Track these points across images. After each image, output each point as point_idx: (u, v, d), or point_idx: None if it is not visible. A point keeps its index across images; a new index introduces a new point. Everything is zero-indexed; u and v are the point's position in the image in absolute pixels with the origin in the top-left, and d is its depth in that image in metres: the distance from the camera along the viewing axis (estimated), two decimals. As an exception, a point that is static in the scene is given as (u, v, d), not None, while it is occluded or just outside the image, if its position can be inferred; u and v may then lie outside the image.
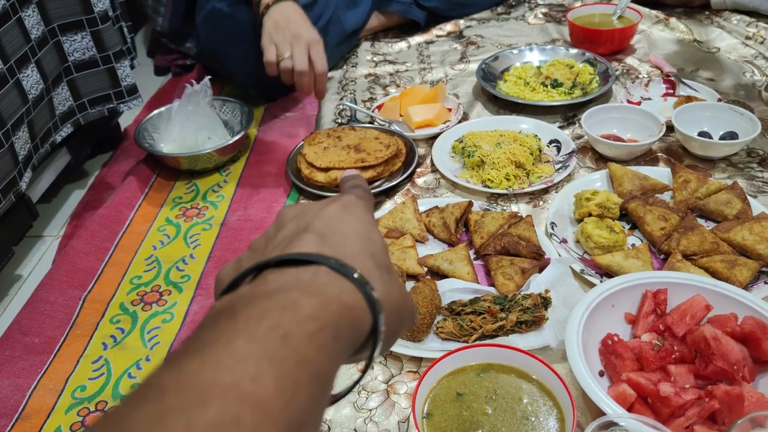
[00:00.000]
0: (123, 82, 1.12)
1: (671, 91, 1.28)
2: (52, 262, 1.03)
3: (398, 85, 1.46)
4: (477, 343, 0.75)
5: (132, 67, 1.22)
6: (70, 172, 1.21)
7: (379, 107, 1.33)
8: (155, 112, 1.24)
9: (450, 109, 1.31)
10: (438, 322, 0.80)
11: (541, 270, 0.87)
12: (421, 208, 1.01)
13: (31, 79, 0.96)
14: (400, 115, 1.30)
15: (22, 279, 1.03)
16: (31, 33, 0.96)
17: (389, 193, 1.08)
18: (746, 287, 0.82)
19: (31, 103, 0.96)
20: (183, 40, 1.49)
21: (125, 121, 1.39)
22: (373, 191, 1.04)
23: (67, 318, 0.90)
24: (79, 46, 1.04)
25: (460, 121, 1.25)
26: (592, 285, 0.84)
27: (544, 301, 0.80)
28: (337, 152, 1.10)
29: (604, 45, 1.45)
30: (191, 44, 1.49)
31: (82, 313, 0.91)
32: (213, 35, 1.29)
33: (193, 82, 1.18)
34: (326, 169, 1.07)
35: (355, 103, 1.36)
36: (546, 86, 1.32)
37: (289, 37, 1.14)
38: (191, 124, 1.17)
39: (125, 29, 1.35)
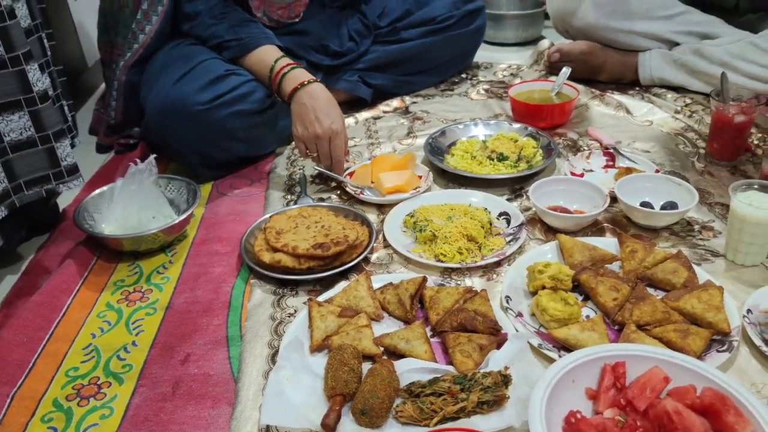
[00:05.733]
0: (63, 162, 1.09)
1: (611, 163, 1.33)
2: (-21, 355, 0.95)
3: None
4: (439, 427, 0.73)
5: (73, 146, 1.19)
6: (2, 257, 1.14)
7: (351, 174, 1.34)
8: (96, 191, 1.20)
9: (420, 176, 1.32)
10: (397, 406, 0.77)
11: (499, 346, 0.86)
12: (375, 285, 1.00)
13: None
14: (372, 182, 1.30)
15: (-57, 375, 0.94)
16: (-36, 114, 0.93)
17: (344, 273, 1.06)
18: (700, 356, 0.83)
19: (-39, 186, 0.91)
20: (132, 127, 1.49)
21: (64, 200, 1.34)
22: (326, 273, 1.03)
23: (-8, 418, 0.83)
24: (16, 126, 1.01)
25: (428, 189, 1.28)
26: (550, 360, 0.83)
27: (505, 379, 0.79)
28: (302, 232, 1.09)
29: (545, 119, 1.52)
30: (138, 128, 1.48)
31: (9, 413, 0.84)
32: (162, 117, 1.28)
33: (137, 161, 1.15)
34: (279, 250, 1.05)
35: (305, 180, 1.36)
36: (492, 160, 1.35)
37: (313, 133, 1.27)
38: (135, 203, 1.14)
39: (66, 108, 1.32)
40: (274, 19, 1.58)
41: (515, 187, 1.30)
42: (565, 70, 1.59)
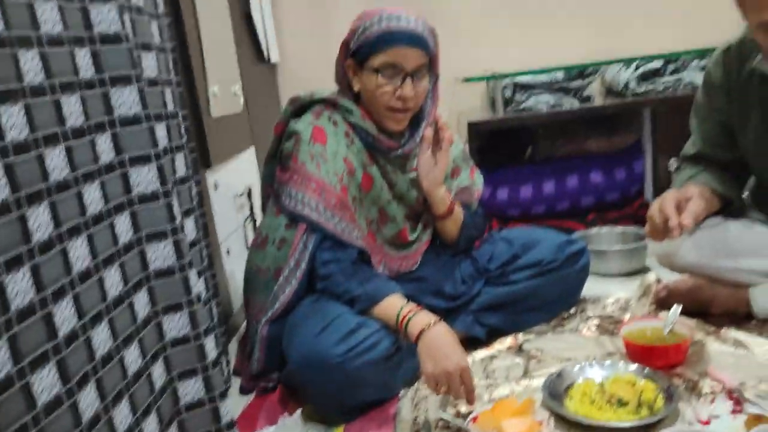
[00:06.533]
0: (224, 419, 1.24)
1: (738, 408, 1.31)
2: None
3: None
4: None
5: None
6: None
7: (474, 419, 1.40)
8: (246, 441, 1.33)
9: (541, 422, 1.36)
10: None
11: None
12: None
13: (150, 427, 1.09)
14: (494, 429, 1.34)
15: None
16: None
17: None
18: None
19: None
20: (272, 373, 1.67)
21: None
22: None
23: None
24: (191, 390, 1.19)
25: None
26: None
27: None
28: None
29: (660, 360, 1.53)
30: (277, 373, 1.65)
31: None
32: (304, 368, 1.45)
33: (287, 414, 1.29)
34: None
35: (429, 424, 1.43)
36: (612, 404, 1.37)
37: (442, 370, 1.39)
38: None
39: (226, 368, 1.52)
40: (395, 270, 1.79)
41: (640, 434, 1.29)
42: (675, 308, 1.63)
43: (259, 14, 2.71)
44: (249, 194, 2.32)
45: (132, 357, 1.04)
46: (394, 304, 1.53)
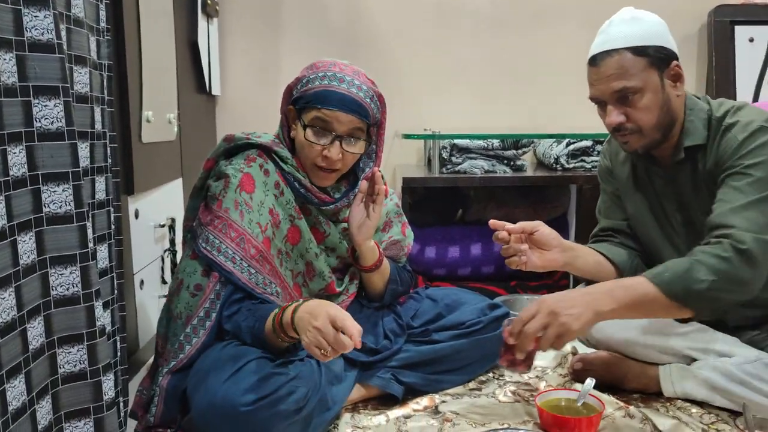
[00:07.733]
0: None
1: (643, 487, 1.33)
2: None
3: None
4: None
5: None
6: None
7: None
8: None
9: None
10: None
11: None
12: None
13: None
14: None
15: None
16: None
17: None
18: None
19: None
20: (169, 426, 1.56)
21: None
22: None
23: None
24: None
25: None
26: None
27: None
28: None
29: (573, 431, 1.54)
30: (178, 420, 1.54)
31: None
32: (210, 415, 1.36)
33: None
34: None
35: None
36: (523, 476, 1.36)
37: (314, 329, 1.31)
38: None
39: (122, 410, 1.41)
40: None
41: None
42: (589, 382, 1.65)
43: (206, 44, 2.67)
44: (172, 226, 2.22)
45: (16, 392, 0.94)
46: (274, 313, 1.45)
